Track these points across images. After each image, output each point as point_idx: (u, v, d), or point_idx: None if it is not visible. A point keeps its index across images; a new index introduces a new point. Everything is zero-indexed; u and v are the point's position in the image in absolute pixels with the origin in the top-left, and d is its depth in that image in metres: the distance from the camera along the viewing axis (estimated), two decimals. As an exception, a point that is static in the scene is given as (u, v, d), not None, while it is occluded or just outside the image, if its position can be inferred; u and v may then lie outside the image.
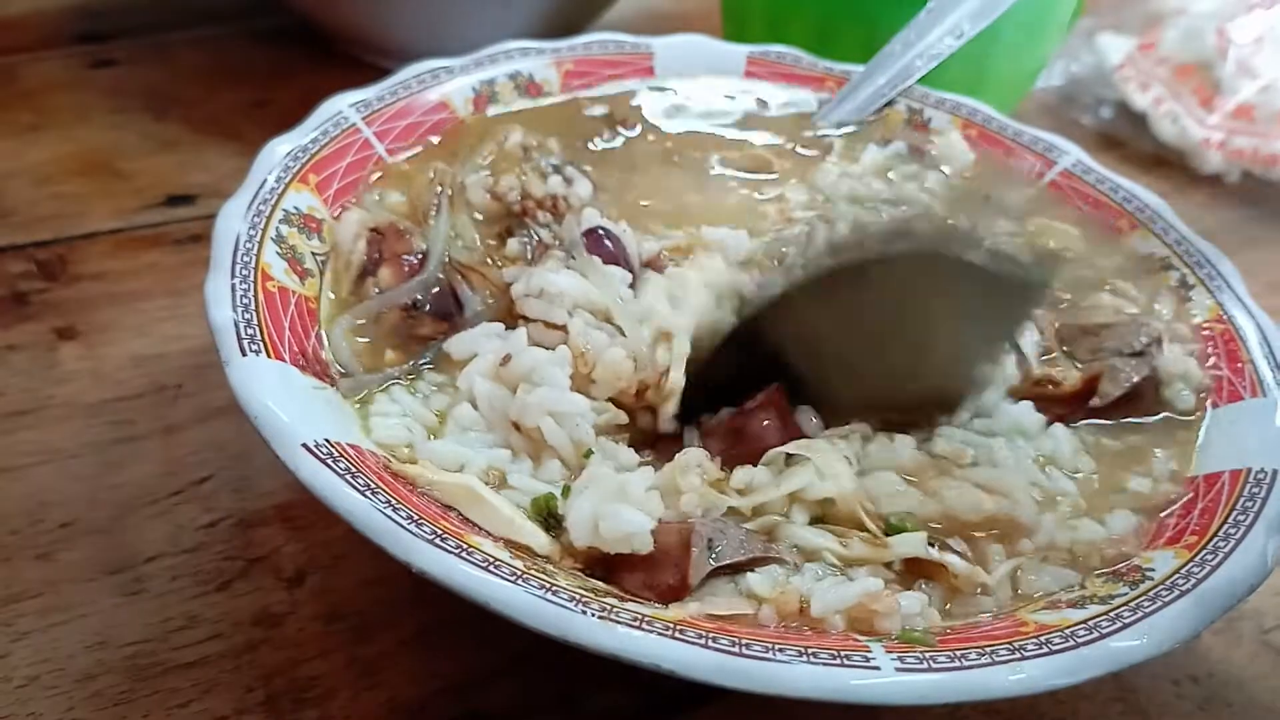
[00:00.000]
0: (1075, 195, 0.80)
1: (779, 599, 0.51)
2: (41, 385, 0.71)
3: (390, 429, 0.56)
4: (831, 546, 0.54)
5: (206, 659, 0.56)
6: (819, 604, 0.50)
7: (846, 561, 0.53)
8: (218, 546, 0.62)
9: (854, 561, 0.53)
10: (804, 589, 0.51)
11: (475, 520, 0.52)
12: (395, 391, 0.59)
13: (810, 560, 0.53)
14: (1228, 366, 0.66)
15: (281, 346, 0.56)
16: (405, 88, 0.77)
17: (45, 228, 0.85)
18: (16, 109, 0.99)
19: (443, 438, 0.57)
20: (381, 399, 0.58)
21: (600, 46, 0.85)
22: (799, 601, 0.51)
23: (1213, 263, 0.73)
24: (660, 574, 0.51)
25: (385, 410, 0.58)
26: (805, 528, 0.54)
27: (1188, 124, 1.11)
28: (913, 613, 0.51)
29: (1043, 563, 0.56)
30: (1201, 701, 0.60)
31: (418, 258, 0.65)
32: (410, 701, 0.56)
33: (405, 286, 0.64)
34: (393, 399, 0.59)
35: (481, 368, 0.59)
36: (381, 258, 0.65)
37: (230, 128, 0.99)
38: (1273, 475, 0.57)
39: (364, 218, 0.67)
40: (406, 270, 0.65)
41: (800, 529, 0.54)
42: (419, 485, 0.52)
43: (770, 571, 0.52)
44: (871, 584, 0.51)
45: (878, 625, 0.50)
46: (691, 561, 0.51)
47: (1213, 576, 0.51)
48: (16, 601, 0.58)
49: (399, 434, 0.56)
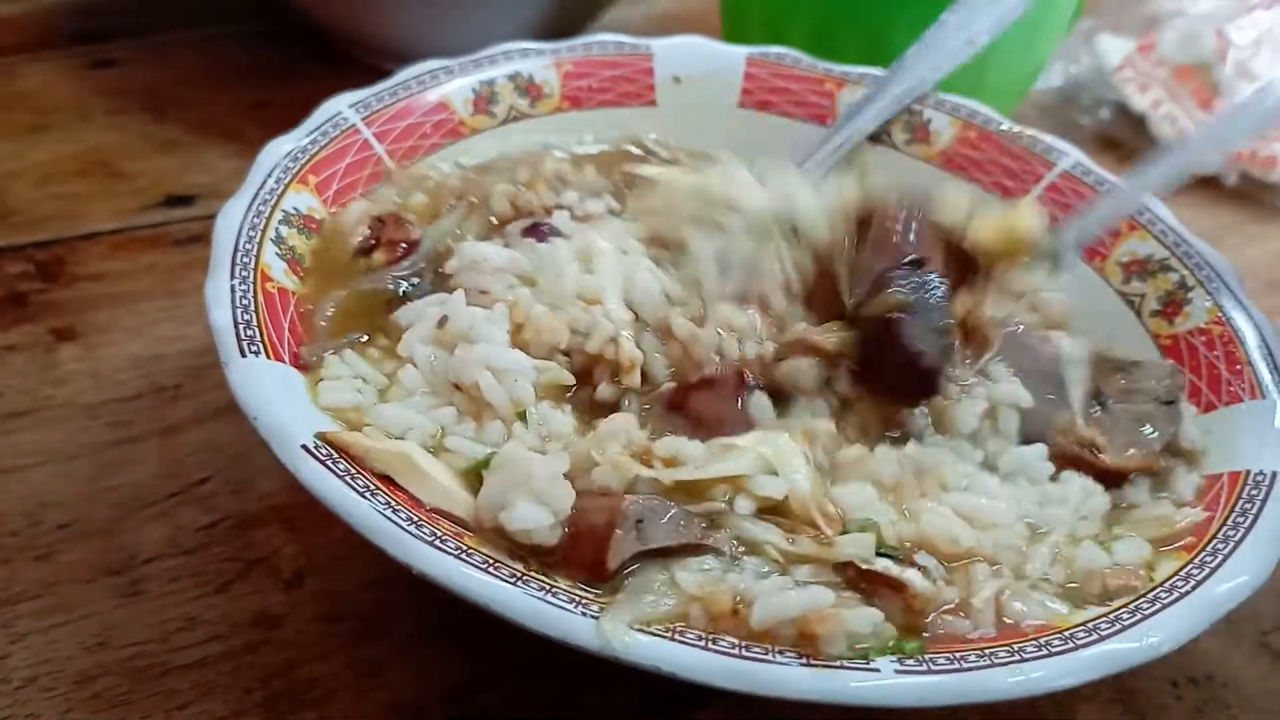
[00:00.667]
0: (1075, 197, 0.80)
1: (709, 597, 0.48)
2: (40, 386, 0.71)
3: (338, 392, 0.56)
4: (776, 541, 0.51)
5: (205, 660, 0.56)
6: (760, 611, 0.47)
7: (789, 559, 0.50)
8: (217, 548, 0.62)
9: (797, 560, 0.51)
10: (741, 588, 0.48)
11: (411, 490, 0.51)
12: (348, 354, 0.59)
13: (751, 554, 0.51)
14: (1226, 368, 0.66)
15: (281, 347, 0.56)
16: (405, 88, 0.76)
17: (44, 228, 0.85)
18: (16, 109, 0.99)
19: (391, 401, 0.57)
20: (333, 362, 0.58)
21: (600, 48, 0.85)
22: (733, 602, 0.47)
23: (1211, 264, 0.73)
24: (581, 552, 0.48)
25: (337, 373, 0.58)
26: (750, 519, 0.52)
27: (1186, 125, 1.11)
28: (862, 632, 0.47)
29: (1031, 590, 0.53)
30: (1200, 703, 0.60)
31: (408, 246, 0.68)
32: (410, 703, 0.56)
33: (390, 272, 0.66)
34: (344, 361, 0.59)
35: (421, 332, 0.59)
36: (379, 241, 0.67)
37: (230, 128, 0.99)
38: (1271, 477, 0.57)
39: (369, 207, 0.69)
40: (400, 254, 0.67)
41: (745, 520, 0.51)
42: (355, 453, 0.51)
43: (702, 564, 0.50)
44: (820, 596, 0.48)
45: (821, 646, 0.46)
46: (612, 543, 0.48)
47: (1211, 579, 0.51)
48: (15, 603, 0.58)
49: (347, 397, 0.56)
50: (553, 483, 0.50)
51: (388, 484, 0.50)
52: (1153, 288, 0.74)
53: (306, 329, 0.60)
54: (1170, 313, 0.72)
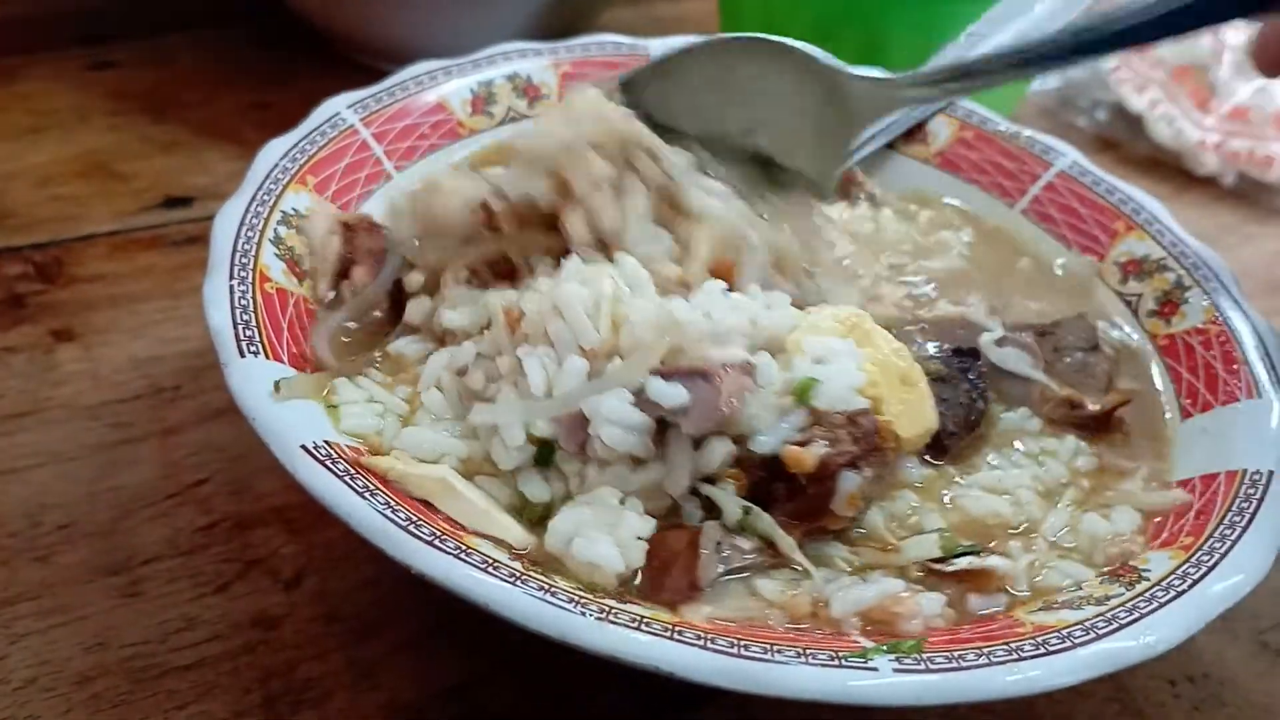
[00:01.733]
0: (1072, 196, 0.80)
1: (790, 602, 0.51)
2: (39, 387, 0.71)
3: (359, 418, 0.56)
4: (844, 554, 0.55)
5: (204, 661, 0.56)
6: (838, 605, 0.51)
7: (857, 569, 0.54)
8: (216, 548, 0.62)
9: (865, 569, 0.54)
10: (816, 592, 0.52)
11: (449, 513, 0.51)
12: (360, 379, 0.59)
13: (822, 566, 0.54)
14: (1223, 367, 0.67)
15: (280, 348, 0.56)
16: (403, 89, 0.77)
17: (43, 230, 0.85)
18: (15, 111, 0.99)
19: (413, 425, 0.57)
20: (344, 386, 0.58)
21: (598, 48, 0.85)
22: (811, 604, 0.51)
23: (1208, 264, 0.73)
24: (668, 578, 0.51)
25: (352, 398, 0.57)
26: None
27: (1184, 126, 1.11)
28: (933, 614, 0.52)
29: (1059, 558, 0.57)
30: (1198, 701, 0.61)
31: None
32: (409, 703, 0.56)
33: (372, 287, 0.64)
34: (356, 385, 0.58)
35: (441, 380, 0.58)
36: (354, 257, 0.64)
37: (229, 130, 0.99)
38: (1268, 476, 0.58)
39: (334, 213, 0.66)
40: (378, 265, 0.65)
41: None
42: (390, 478, 0.51)
43: (781, 575, 0.53)
44: (891, 585, 0.52)
45: (900, 627, 0.50)
46: (701, 563, 0.51)
47: (1209, 577, 0.51)
48: (14, 603, 0.58)
49: (370, 423, 0.56)
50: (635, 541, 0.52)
51: (428, 509, 0.51)
52: (1150, 287, 0.74)
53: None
54: (1167, 312, 0.72)
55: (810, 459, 0.52)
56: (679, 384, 0.52)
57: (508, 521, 0.52)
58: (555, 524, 0.52)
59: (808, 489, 0.53)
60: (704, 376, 0.53)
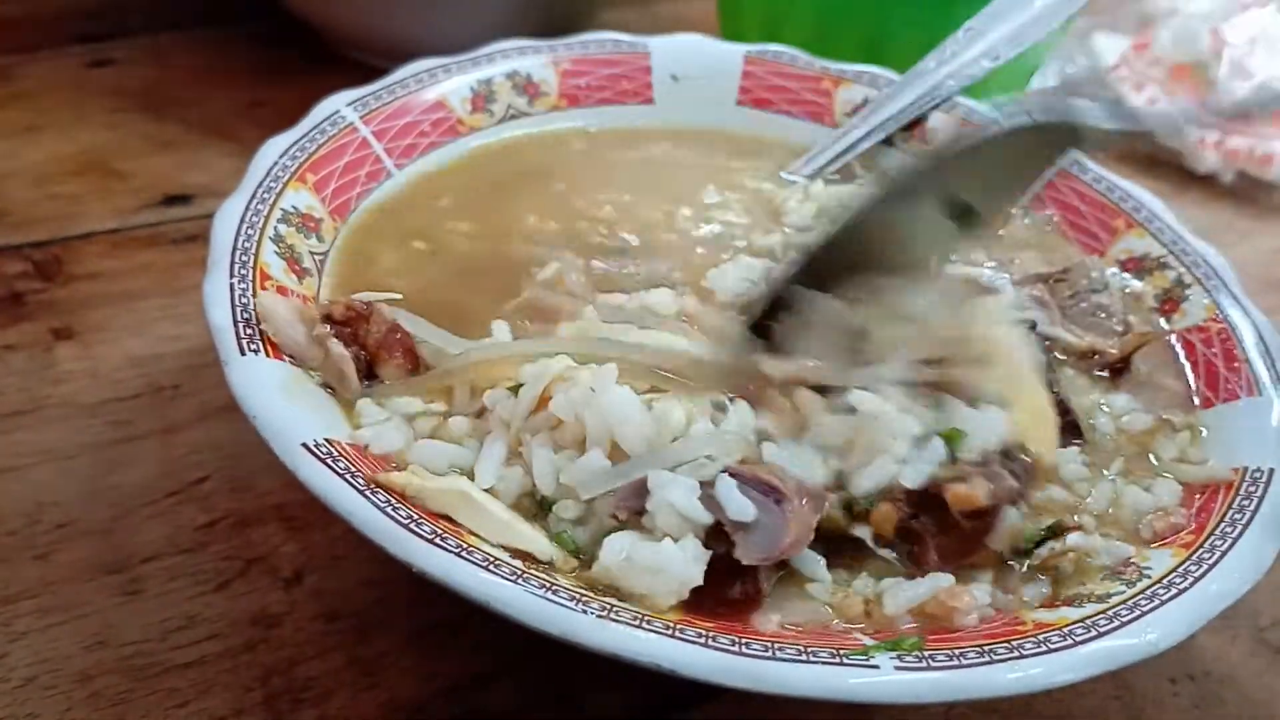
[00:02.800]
0: (1072, 194, 0.80)
1: (842, 603, 0.51)
2: (38, 385, 0.71)
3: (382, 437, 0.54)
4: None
5: (205, 659, 0.56)
6: (891, 603, 0.51)
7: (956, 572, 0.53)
8: (216, 547, 0.62)
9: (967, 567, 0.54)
10: (866, 592, 0.52)
11: (470, 526, 0.50)
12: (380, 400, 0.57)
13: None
14: (1224, 365, 0.67)
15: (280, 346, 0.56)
16: (403, 86, 0.77)
17: (42, 228, 0.85)
18: (14, 109, 0.99)
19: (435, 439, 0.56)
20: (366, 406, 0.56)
21: (598, 46, 0.85)
22: (864, 605, 0.51)
23: (1208, 262, 0.73)
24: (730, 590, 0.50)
25: (372, 418, 0.56)
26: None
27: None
28: (984, 603, 0.52)
29: (1103, 538, 0.56)
30: (1198, 699, 0.61)
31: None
32: (409, 701, 0.56)
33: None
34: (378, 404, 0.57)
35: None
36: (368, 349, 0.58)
37: (228, 128, 0.99)
38: (1269, 474, 0.58)
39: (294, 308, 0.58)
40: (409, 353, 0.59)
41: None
42: (407, 494, 0.50)
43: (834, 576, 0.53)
44: (942, 579, 0.52)
45: (957, 621, 0.50)
46: (761, 571, 0.51)
47: (1209, 575, 0.51)
48: (14, 602, 0.58)
49: (392, 441, 0.55)
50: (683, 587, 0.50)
51: (449, 522, 0.50)
52: (1150, 285, 0.74)
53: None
54: (1168, 310, 0.72)
55: (981, 497, 0.52)
56: (751, 494, 0.50)
57: (532, 533, 0.51)
58: (609, 545, 0.50)
59: (961, 525, 0.53)
60: (777, 498, 0.50)
